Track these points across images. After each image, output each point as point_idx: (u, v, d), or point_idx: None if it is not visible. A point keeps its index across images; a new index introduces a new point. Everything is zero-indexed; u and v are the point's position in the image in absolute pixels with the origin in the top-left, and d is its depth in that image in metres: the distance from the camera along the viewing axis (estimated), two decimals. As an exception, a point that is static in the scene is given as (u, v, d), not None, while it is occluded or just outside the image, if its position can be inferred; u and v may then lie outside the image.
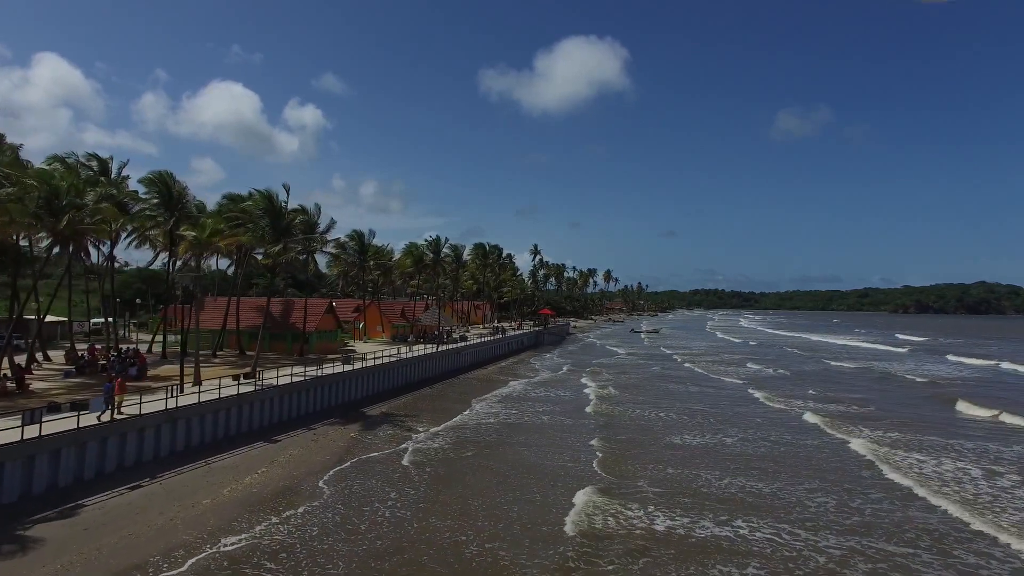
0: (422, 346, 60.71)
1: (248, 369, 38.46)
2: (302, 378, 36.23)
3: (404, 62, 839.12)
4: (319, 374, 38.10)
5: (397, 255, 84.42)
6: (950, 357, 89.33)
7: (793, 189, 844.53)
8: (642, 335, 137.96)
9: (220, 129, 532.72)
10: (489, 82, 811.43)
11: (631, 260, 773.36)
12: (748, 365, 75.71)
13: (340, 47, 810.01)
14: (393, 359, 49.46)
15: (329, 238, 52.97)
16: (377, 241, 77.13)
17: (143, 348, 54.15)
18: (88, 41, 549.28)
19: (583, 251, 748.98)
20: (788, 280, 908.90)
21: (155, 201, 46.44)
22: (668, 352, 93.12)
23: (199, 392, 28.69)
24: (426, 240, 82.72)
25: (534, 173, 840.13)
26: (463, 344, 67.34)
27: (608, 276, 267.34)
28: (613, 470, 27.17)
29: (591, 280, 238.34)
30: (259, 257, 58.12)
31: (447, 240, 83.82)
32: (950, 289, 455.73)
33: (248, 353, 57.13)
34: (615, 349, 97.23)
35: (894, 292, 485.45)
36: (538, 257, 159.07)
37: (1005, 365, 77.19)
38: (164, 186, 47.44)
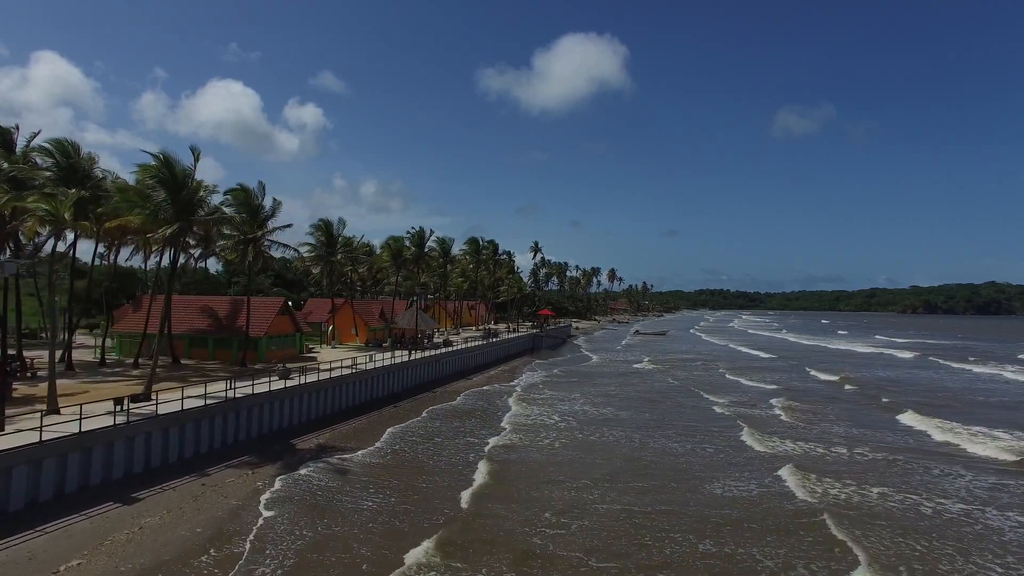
0: (390, 353, 51.42)
1: (142, 389, 29.40)
2: (202, 403, 26.91)
3: (402, 61, 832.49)
4: (229, 396, 28.80)
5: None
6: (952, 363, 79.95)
7: (795, 188, 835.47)
8: (641, 337, 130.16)
9: (220, 128, 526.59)
10: (488, 81, 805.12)
11: (633, 260, 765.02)
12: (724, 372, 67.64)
13: (338, 45, 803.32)
14: (348, 371, 40.15)
15: (274, 225, 44.20)
16: (362, 236, 68.18)
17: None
18: (87, 40, 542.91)
19: (584, 251, 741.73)
20: (793, 280, 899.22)
21: (48, 174, 37.52)
22: (645, 357, 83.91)
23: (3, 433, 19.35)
24: (408, 232, 73.43)
25: (534, 172, 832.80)
26: (443, 351, 58.06)
27: (612, 275, 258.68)
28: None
29: (594, 279, 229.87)
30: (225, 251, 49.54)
31: (432, 232, 74.61)
32: (959, 290, 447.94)
33: (184, 362, 48.28)
34: (618, 356, 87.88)
35: (902, 292, 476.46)
36: (539, 255, 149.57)
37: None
38: (63, 156, 38.57)
